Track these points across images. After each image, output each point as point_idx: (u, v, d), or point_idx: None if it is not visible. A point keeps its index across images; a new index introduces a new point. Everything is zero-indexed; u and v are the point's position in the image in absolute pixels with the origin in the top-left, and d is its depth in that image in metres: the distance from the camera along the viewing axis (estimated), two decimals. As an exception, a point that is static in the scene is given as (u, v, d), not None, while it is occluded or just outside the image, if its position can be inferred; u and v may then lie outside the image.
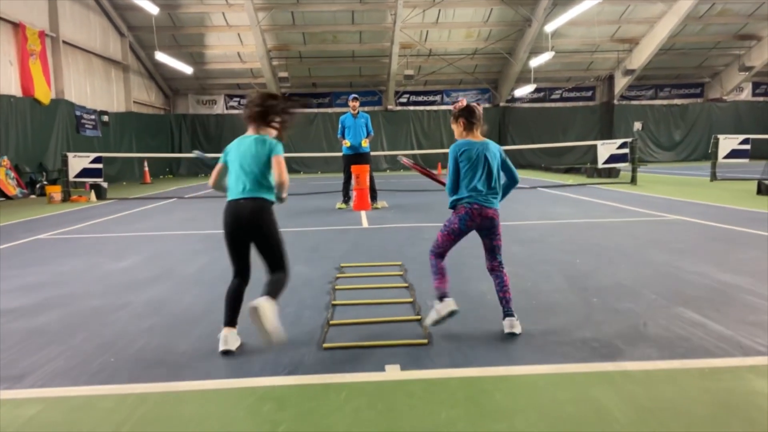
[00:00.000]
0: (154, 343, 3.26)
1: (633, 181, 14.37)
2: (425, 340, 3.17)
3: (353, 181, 10.43)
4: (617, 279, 4.52)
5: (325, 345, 3.14)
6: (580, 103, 31.36)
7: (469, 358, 2.92)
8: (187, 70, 25.09)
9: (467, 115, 3.40)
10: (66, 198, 13.51)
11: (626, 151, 14.36)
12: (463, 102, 3.45)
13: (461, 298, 3.65)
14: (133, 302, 4.21)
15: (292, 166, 29.65)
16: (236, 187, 3.17)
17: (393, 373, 2.75)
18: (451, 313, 3.26)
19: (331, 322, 3.58)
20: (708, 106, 31.26)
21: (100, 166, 13.85)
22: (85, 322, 3.71)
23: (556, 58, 25.79)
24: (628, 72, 28.21)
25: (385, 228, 7.87)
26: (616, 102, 30.40)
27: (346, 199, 10.88)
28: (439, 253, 3.46)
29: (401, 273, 4.92)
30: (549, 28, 22.41)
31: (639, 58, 27.38)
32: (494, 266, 3.48)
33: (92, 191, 13.74)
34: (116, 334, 3.46)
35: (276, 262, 3.21)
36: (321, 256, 5.83)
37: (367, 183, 10.43)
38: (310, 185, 17.76)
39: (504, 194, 3.50)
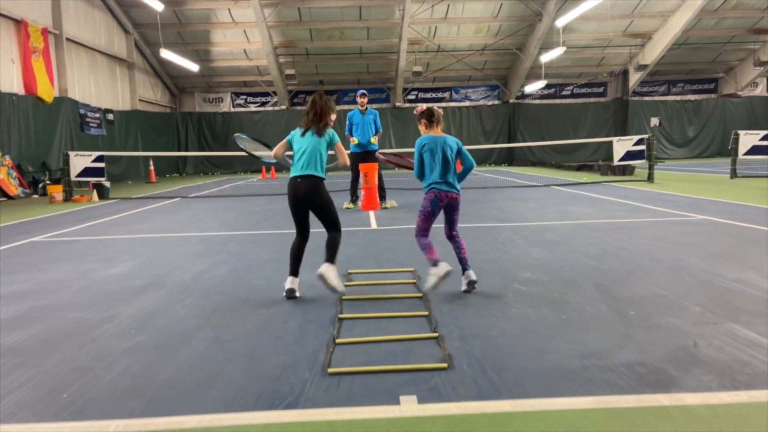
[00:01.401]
0: (135, 367, 2.88)
1: (650, 178, 13.89)
2: (445, 364, 2.76)
3: (361, 180, 10.04)
4: (653, 288, 4.10)
5: (330, 370, 2.74)
6: (592, 99, 30.80)
7: (497, 386, 2.51)
8: (193, 67, 24.80)
9: (428, 116, 4.28)
10: (68, 198, 13.20)
11: (643, 147, 13.88)
12: (423, 106, 4.31)
13: (485, 322, 3.24)
14: (120, 315, 3.83)
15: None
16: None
17: (409, 406, 2.35)
18: (447, 274, 3.94)
19: (337, 340, 3.19)
20: (722, 102, 30.63)
21: (102, 165, 13.53)
22: (64, 340, 3.34)
23: (567, 54, 25.28)
24: (640, 67, 27.66)
25: (394, 230, 7.48)
26: (626, 98, 29.82)
27: (354, 198, 10.49)
28: (423, 233, 4.22)
29: (414, 281, 4.53)
30: (560, 22, 21.92)
31: (652, 53, 26.81)
32: (453, 234, 4.32)
33: (94, 191, 13.42)
34: (95, 355, 3.08)
35: (332, 224, 4.28)
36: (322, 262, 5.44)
37: (376, 182, 10.04)
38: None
39: (461, 178, 4.29)
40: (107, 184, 13.84)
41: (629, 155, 13.98)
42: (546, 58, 24.78)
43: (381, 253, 5.88)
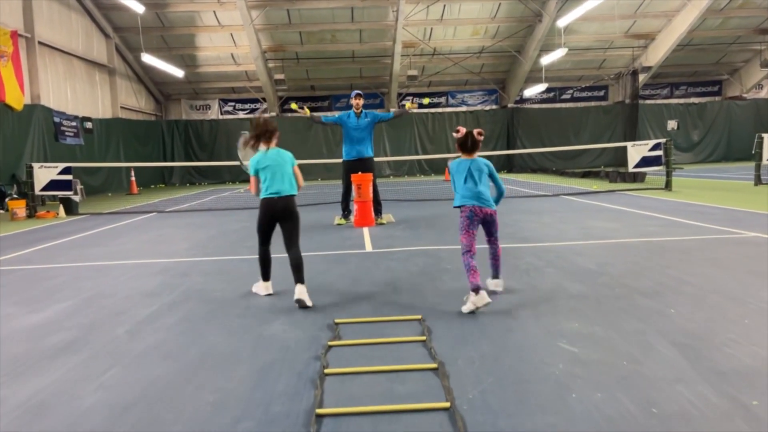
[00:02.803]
0: None
1: (668, 186, 12.80)
2: None
3: (354, 192, 8.88)
4: (760, 351, 2.96)
5: None
6: (593, 103, 29.78)
7: None
8: (178, 73, 23.63)
9: (461, 144, 4.34)
10: (32, 214, 12.01)
11: (659, 153, 12.78)
12: (462, 131, 4.33)
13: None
14: (2, 403, 2.66)
15: (291, 173, 28.10)
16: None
17: None
18: (486, 305, 3.86)
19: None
20: (727, 105, 29.66)
21: (69, 177, 12.33)
22: None
23: (567, 56, 24.23)
24: (644, 69, 26.67)
25: (393, 253, 6.32)
26: (628, 101, 28.79)
27: (346, 213, 9.33)
28: (468, 251, 4.13)
29: (424, 338, 3.35)
30: (562, 22, 20.88)
31: (656, 55, 25.83)
32: (491, 240, 4.42)
33: (60, 206, 12.22)
34: None
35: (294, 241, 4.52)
36: (309, 302, 4.29)
37: (371, 194, 8.87)
38: (308, 195, 16.23)
39: (496, 202, 4.37)
40: (76, 198, 12.64)
41: (645, 161, 12.89)
42: (547, 60, 23.74)
43: (378, 288, 4.71)
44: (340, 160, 9.31)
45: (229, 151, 28.23)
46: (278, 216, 4.50)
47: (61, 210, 12.16)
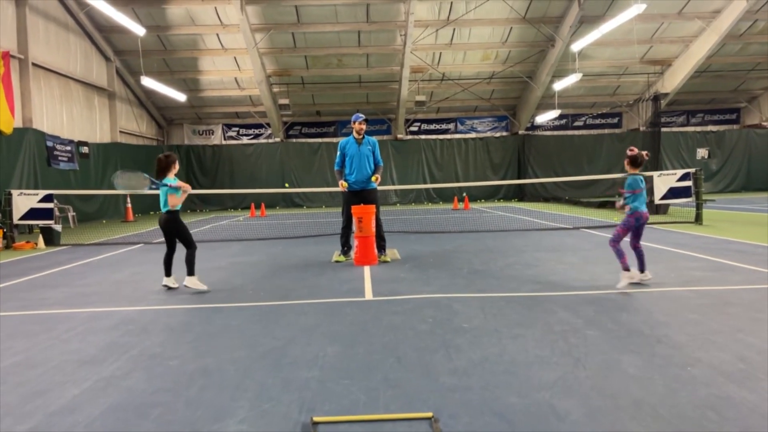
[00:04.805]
0: None
1: (698, 219, 11.78)
2: None
3: (354, 226, 7.91)
4: None
5: None
6: (606, 131, 28.88)
7: None
8: (181, 97, 22.99)
9: (632, 160, 5.85)
10: (9, 245, 11.11)
11: (689, 183, 11.78)
12: (635, 150, 5.83)
13: None
14: None
15: (294, 200, 27.29)
16: None
17: None
18: (633, 281, 5.61)
19: None
20: (746, 133, 28.67)
21: (50, 205, 11.45)
22: None
23: (580, 83, 23.44)
24: (661, 95, 25.78)
25: (397, 303, 5.31)
26: (644, 129, 27.83)
27: (346, 249, 8.36)
28: (618, 241, 5.69)
29: (437, 458, 2.34)
30: (576, 47, 20.09)
31: (672, 81, 25.00)
32: (636, 245, 5.80)
33: (40, 236, 11.32)
34: None
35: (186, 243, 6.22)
36: (282, 381, 3.28)
37: (373, 229, 7.90)
38: (308, 224, 15.29)
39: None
40: (58, 227, 11.73)
41: (673, 192, 11.88)
42: (559, 86, 22.92)
43: (376, 356, 3.70)
44: (341, 190, 8.38)
45: (233, 177, 27.56)
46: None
47: (41, 241, 11.27)
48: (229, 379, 3.37)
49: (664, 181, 12.01)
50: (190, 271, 6.19)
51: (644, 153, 5.76)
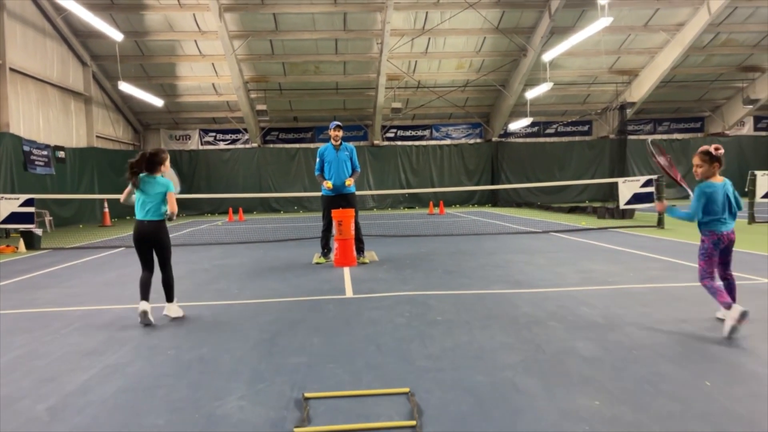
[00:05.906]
0: None
1: (660, 224, 12.40)
2: None
3: (334, 229, 8.27)
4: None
5: None
6: (577, 138, 29.71)
7: None
8: (158, 102, 23.06)
9: (708, 157, 4.28)
10: (-11, 248, 11.20)
11: (651, 189, 12.41)
12: (710, 148, 4.30)
13: None
14: None
15: (272, 204, 27.49)
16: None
17: None
18: (743, 316, 3.89)
19: None
20: (710, 141, 29.71)
21: (31, 210, 11.57)
22: None
23: (552, 91, 24.18)
24: (627, 105, 26.71)
25: (375, 300, 5.69)
26: (613, 136, 28.77)
27: (326, 251, 8.71)
28: (709, 276, 4.25)
29: (414, 423, 2.72)
30: (547, 57, 20.77)
31: (639, 91, 25.89)
32: (727, 275, 4.41)
33: (21, 240, 11.43)
34: None
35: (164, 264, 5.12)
36: (274, 366, 3.63)
37: (352, 231, 8.27)
38: (287, 228, 15.57)
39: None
40: (38, 231, 11.85)
41: (636, 198, 12.49)
42: (531, 94, 23.59)
43: (357, 345, 4.07)
44: (320, 194, 8.75)
45: (210, 182, 27.64)
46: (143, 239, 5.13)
47: (21, 244, 11.37)
48: (224, 366, 3.70)
49: (628, 187, 12.63)
50: (171, 297, 5.12)
51: (716, 147, 4.31)
